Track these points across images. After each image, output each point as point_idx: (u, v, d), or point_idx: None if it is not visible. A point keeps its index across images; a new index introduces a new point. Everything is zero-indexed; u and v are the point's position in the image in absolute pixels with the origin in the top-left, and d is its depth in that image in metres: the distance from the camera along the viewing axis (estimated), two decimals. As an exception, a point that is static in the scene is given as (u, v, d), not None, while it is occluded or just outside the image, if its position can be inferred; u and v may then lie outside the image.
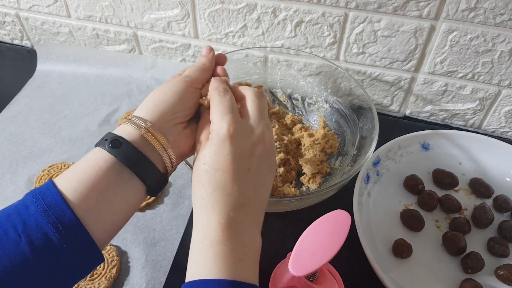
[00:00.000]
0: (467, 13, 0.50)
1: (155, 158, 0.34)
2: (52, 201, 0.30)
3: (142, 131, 0.33)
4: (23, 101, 0.66)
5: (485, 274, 0.45)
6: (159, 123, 0.34)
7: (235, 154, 0.32)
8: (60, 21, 0.70)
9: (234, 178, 0.32)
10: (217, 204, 0.31)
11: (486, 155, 0.54)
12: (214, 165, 0.32)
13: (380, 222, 0.49)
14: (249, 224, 0.32)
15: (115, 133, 0.34)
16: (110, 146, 0.33)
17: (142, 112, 0.35)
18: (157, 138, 0.34)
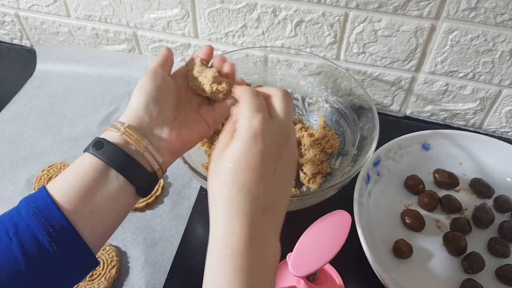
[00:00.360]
0: (468, 12, 0.50)
1: (141, 158, 0.34)
2: (42, 205, 0.31)
3: (121, 133, 0.33)
4: (23, 101, 0.66)
5: (486, 274, 0.45)
6: (138, 124, 0.34)
7: (264, 153, 0.30)
8: (59, 20, 0.70)
9: (260, 180, 0.30)
10: (241, 207, 0.29)
11: (486, 155, 0.54)
12: (241, 164, 0.29)
13: (381, 222, 0.49)
14: (271, 232, 0.30)
15: (99, 137, 0.34)
16: (93, 148, 0.33)
17: (123, 117, 0.35)
18: (135, 139, 0.34)
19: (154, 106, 0.35)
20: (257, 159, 0.30)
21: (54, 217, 0.30)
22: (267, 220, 0.30)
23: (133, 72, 0.70)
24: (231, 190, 0.29)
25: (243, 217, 0.29)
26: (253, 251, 0.28)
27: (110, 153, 0.33)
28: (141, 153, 0.34)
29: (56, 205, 0.31)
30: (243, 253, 0.28)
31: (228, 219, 0.29)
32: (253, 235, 0.29)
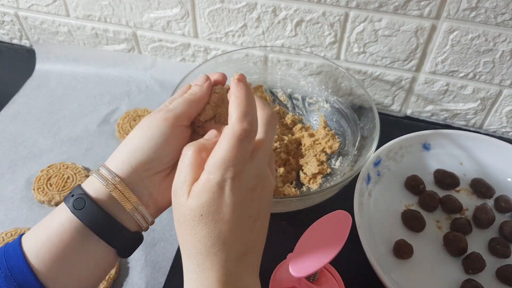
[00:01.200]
0: (468, 12, 0.49)
1: (125, 217, 0.31)
2: (15, 265, 0.28)
3: (110, 189, 0.30)
4: (22, 100, 0.66)
5: (486, 274, 0.45)
6: (130, 177, 0.30)
7: (237, 202, 0.28)
8: (59, 20, 0.70)
9: (235, 229, 0.28)
10: (217, 259, 0.27)
11: (487, 155, 0.54)
12: (214, 216, 0.27)
13: (381, 222, 0.49)
14: (249, 275, 0.29)
15: (83, 188, 0.31)
16: (73, 206, 0.30)
17: (113, 162, 0.31)
18: (126, 196, 0.30)
19: (155, 161, 0.31)
20: (231, 210, 0.27)
21: (27, 283, 0.28)
22: (244, 265, 0.29)
23: (132, 72, 0.70)
24: (206, 244, 0.27)
25: (219, 269, 0.27)
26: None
27: (92, 215, 0.29)
28: (130, 214, 0.30)
29: (30, 267, 0.28)
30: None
31: (203, 271, 0.28)
32: (229, 283, 0.27)
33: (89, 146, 0.59)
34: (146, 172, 0.31)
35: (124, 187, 0.30)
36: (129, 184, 0.30)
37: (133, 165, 0.30)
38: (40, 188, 0.52)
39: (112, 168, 0.31)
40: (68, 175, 0.54)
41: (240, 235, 0.28)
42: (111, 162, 0.31)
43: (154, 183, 0.31)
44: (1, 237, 0.47)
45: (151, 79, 0.69)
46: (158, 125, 0.31)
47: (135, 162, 0.30)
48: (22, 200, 0.52)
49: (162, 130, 0.31)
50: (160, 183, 0.32)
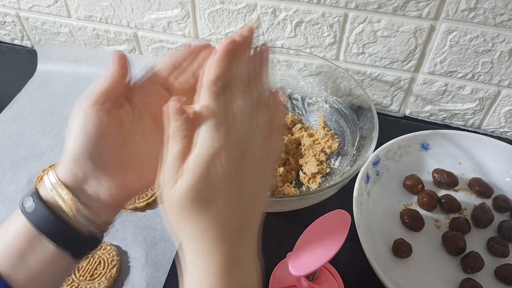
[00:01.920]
0: (467, 13, 0.50)
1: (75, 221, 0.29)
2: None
3: (51, 191, 0.29)
4: (24, 101, 0.66)
5: (485, 274, 0.45)
6: (68, 179, 0.29)
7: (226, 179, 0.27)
8: (60, 21, 0.70)
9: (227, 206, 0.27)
10: (213, 242, 0.27)
11: (486, 155, 0.54)
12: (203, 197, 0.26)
13: (380, 222, 0.49)
14: (247, 254, 0.28)
15: (37, 188, 0.30)
16: (24, 208, 0.29)
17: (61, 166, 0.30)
18: (66, 200, 0.29)
19: (86, 160, 0.29)
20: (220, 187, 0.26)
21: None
22: (240, 243, 0.28)
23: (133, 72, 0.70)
24: (198, 227, 0.26)
25: (217, 251, 0.27)
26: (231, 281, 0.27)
27: (40, 216, 0.29)
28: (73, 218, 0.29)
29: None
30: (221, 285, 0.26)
31: (201, 256, 0.27)
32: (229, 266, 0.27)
33: (90, 146, 0.59)
34: (86, 174, 0.30)
35: (64, 188, 0.29)
36: (71, 185, 0.29)
37: (69, 166, 0.30)
38: (41, 187, 0.53)
39: (58, 172, 0.30)
40: (69, 175, 0.54)
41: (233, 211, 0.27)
42: (59, 166, 0.31)
43: (100, 182, 0.30)
44: (3, 236, 0.48)
45: (152, 79, 0.69)
46: (74, 120, 0.30)
47: (69, 163, 0.30)
48: (23, 199, 0.53)
49: (76, 124, 0.30)
50: (108, 180, 0.30)
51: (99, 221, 0.30)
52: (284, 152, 0.54)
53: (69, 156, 0.30)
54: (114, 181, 0.30)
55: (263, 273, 0.29)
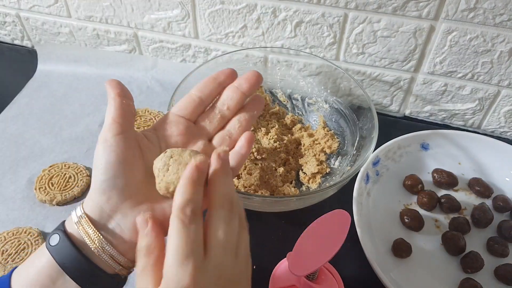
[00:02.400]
0: (467, 13, 0.50)
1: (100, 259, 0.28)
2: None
3: (77, 225, 0.28)
4: (24, 101, 0.66)
5: (485, 273, 0.45)
6: (95, 213, 0.28)
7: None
8: (60, 21, 0.70)
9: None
10: None
11: (485, 155, 0.54)
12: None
13: (380, 222, 0.49)
14: None
15: (64, 222, 0.29)
16: (49, 242, 0.28)
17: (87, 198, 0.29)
18: (90, 235, 0.28)
19: (111, 190, 0.28)
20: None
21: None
22: None
23: (133, 73, 0.70)
24: None
25: None
26: None
27: (64, 252, 0.27)
28: (97, 254, 0.28)
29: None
30: None
31: None
32: None
33: (90, 146, 0.59)
34: (112, 207, 0.28)
35: (88, 224, 0.28)
36: (98, 221, 0.28)
37: (96, 201, 0.28)
38: (42, 187, 0.53)
39: (85, 206, 0.29)
40: (70, 175, 0.54)
41: None
42: (86, 199, 0.29)
43: (127, 217, 0.28)
44: (3, 236, 0.48)
45: (152, 79, 0.69)
46: (96, 153, 0.29)
47: (98, 198, 0.28)
48: (24, 199, 0.53)
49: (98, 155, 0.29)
50: (133, 216, 0.28)
51: (124, 259, 0.29)
52: (284, 152, 0.54)
53: (94, 189, 0.29)
54: (133, 212, 0.29)
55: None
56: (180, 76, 0.54)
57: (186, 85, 0.51)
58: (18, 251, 0.47)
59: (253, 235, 0.49)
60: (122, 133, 0.29)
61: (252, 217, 0.51)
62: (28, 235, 0.48)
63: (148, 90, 0.68)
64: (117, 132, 0.29)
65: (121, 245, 0.29)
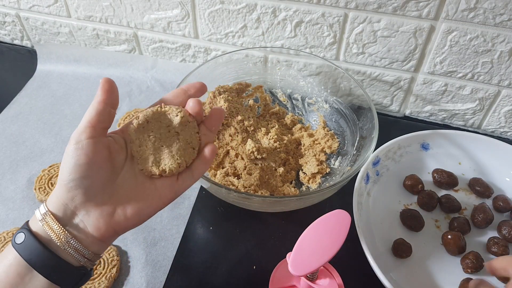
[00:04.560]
0: (467, 13, 0.50)
1: (65, 252, 0.30)
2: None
3: (41, 222, 0.30)
4: (24, 101, 0.66)
5: (485, 274, 0.45)
6: (58, 210, 0.30)
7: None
8: (60, 21, 0.70)
9: None
10: None
11: (485, 155, 0.54)
12: None
13: (380, 222, 0.49)
14: None
15: (28, 222, 0.31)
16: (14, 240, 0.30)
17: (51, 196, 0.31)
18: (55, 230, 0.30)
19: (76, 188, 0.30)
20: None
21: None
22: None
23: (133, 73, 0.70)
24: None
25: None
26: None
27: (30, 249, 0.29)
28: (62, 248, 0.30)
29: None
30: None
31: None
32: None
33: (90, 146, 0.59)
34: (75, 203, 0.30)
35: (53, 220, 0.30)
36: (61, 217, 0.30)
37: (60, 198, 0.30)
38: (41, 187, 0.53)
39: (48, 204, 0.31)
40: (69, 175, 0.54)
41: None
42: (50, 197, 0.31)
43: (90, 214, 0.31)
44: (3, 236, 0.48)
45: (152, 79, 0.69)
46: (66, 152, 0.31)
47: (61, 196, 0.30)
48: (23, 199, 0.53)
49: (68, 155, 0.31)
50: (97, 213, 0.31)
51: (88, 252, 0.31)
52: (284, 152, 0.54)
53: (60, 185, 0.31)
54: (102, 214, 0.31)
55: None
56: (180, 76, 0.54)
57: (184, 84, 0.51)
58: (17, 251, 0.47)
59: (253, 235, 0.50)
60: (95, 137, 0.31)
61: (252, 217, 0.51)
62: (28, 235, 0.48)
63: (148, 90, 0.68)
64: (91, 136, 0.31)
65: (84, 239, 0.31)
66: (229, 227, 0.50)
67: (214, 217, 0.51)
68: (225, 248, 0.48)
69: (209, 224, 0.50)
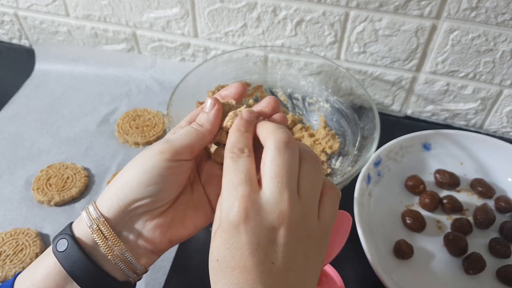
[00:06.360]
0: (469, 12, 0.49)
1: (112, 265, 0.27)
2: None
3: (92, 230, 0.26)
4: (21, 101, 0.66)
5: (487, 275, 0.45)
6: (117, 217, 0.27)
7: (252, 245, 0.23)
8: (58, 20, 0.69)
9: (255, 278, 0.23)
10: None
11: (488, 155, 0.54)
12: (228, 262, 0.24)
13: (381, 222, 0.49)
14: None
15: (72, 226, 0.28)
16: (56, 247, 0.27)
17: (102, 199, 0.27)
18: (109, 239, 0.27)
19: (146, 199, 0.27)
20: (245, 255, 0.23)
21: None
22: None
23: (132, 72, 0.70)
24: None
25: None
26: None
27: (72, 259, 0.26)
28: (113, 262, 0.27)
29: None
30: None
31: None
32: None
33: (88, 146, 0.59)
34: (136, 211, 0.27)
35: (107, 228, 0.26)
36: (116, 225, 0.27)
37: (121, 203, 0.27)
38: (39, 188, 0.52)
39: (100, 206, 0.27)
40: (68, 175, 0.54)
41: (265, 286, 0.23)
42: (101, 199, 0.28)
43: (146, 224, 0.28)
44: (1, 237, 0.47)
45: (151, 79, 0.69)
46: (151, 158, 0.27)
47: (123, 200, 0.27)
48: (21, 200, 0.52)
49: (156, 165, 0.27)
50: (155, 223, 0.28)
51: (141, 267, 0.28)
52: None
53: (123, 187, 0.27)
54: (160, 224, 0.28)
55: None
56: (179, 75, 0.53)
57: (185, 84, 0.51)
58: (16, 252, 0.46)
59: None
60: (173, 159, 0.28)
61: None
62: (26, 236, 0.47)
63: (147, 89, 0.67)
64: (186, 158, 0.28)
65: (136, 252, 0.28)
66: (229, 228, 0.50)
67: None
68: (225, 249, 0.48)
69: (209, 225, 0.50)
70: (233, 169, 0.25)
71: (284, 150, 0.25)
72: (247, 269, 0.23)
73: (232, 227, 0.24)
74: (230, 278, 0.24)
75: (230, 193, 0.25)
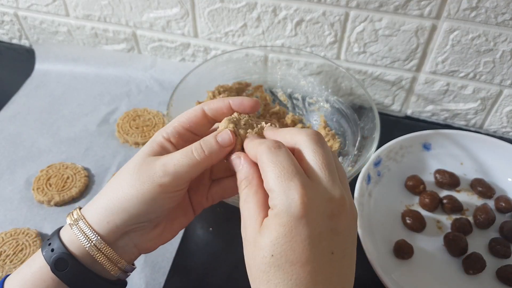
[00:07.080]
0: (469, 12, 0.49)
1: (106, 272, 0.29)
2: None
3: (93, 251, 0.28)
4: (21, 101, 0.66)
5: (487, 275, 0.45)
6: (113, 235, 0.28)
7: (314, 236, 0.23)
8: (58, 20, 0.69)
9: (316, 270, 0.23)
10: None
11: (488, 155, 0.54)
12: (288, 257, 0.23)
13: (381, 222, 0.49)
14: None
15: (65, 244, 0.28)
16: (55, 266, 0.28)
17: (95, 216, 0.28)
18: (113, 260, 0.29)
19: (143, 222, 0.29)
20: (307, 247, 0.23)
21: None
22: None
23: (132, 72, 0.70)
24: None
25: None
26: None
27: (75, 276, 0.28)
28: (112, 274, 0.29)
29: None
30: None
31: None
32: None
33: (88, 146, 0.59)
34: (131, 227, 0.29)
35: (110, 251, 0.28)
36: (113, 242, 0.29)
37: (118, 224, 0.28)
38: (39, 188, 0.52)
39: (93, 223, 0.28)
40: (68, 175, 0.54)
41: (324, 277, 0.23)
42: (92, 214, 0.29)
43: (141, 235, 0.30)
44: (1, 237, 0.47)
45: (151, 79, 0.69)
46: (150, 190, 0.27)
47: (121, 224, 0.28)
48: (21, 200, 0.52)
49: (158, 197, 0.27)
50: (149, 236, 0.30)
51: (132, 268, 0.31)
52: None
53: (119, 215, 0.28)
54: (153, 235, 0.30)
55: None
56: (179, 75, 0.53)
57: (185, 84, 0.51)
58: (16, 252, 0.46)
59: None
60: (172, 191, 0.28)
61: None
62: (26, 236, 0.47)
63: (147, 89, 0.67)
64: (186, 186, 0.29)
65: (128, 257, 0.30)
66: (229, 228, 0.50)
67: (214, 218, 0.51)
68: (225, 249, 0.48)
69: (209, 225, 0.50)
70: (278, 162, 0.24)
71: (320, 143, 0.26)
72: (308, 262, 0.23)
73: (294, 219, 0.23)
74: (289, 273, 0.23)
75: (287, 186, 0.23)
